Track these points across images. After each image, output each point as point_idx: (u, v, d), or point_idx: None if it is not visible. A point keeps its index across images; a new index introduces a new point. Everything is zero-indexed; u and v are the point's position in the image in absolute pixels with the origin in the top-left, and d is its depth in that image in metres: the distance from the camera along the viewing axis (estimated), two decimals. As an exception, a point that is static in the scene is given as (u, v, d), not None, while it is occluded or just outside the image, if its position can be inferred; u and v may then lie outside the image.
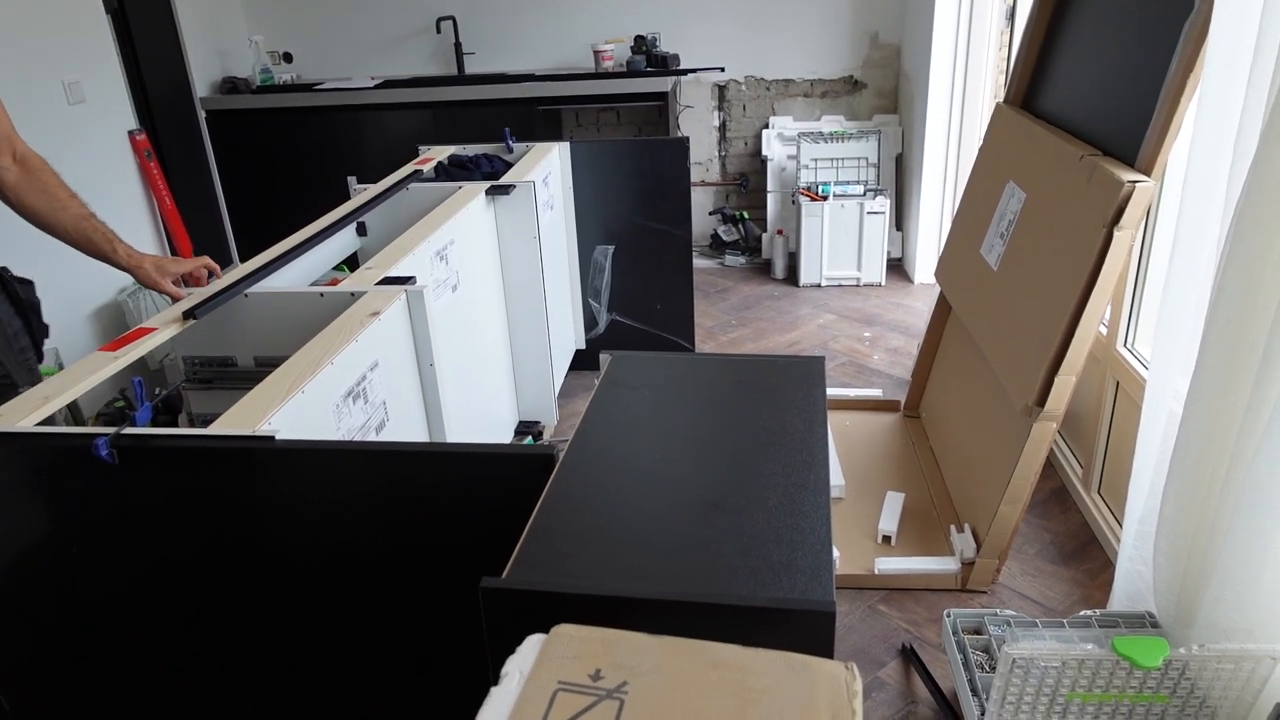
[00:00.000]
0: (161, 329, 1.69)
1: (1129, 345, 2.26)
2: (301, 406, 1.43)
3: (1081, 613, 1.72)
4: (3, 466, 1.33)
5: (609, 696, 0.73)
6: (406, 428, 1.83)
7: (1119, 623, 1.69)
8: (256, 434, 1.30)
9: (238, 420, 1.35)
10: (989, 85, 3.76)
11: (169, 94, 4.06)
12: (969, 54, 3.75)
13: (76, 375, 1.52)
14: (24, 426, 1.37)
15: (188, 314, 1.72)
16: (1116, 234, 1.80)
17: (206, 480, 1.30)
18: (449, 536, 1.31)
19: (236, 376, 1.87)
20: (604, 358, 1.49)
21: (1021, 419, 2.02)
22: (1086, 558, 2.26)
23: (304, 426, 1.43)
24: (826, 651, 0.92)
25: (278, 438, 1.28)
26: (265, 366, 1.79)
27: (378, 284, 1.86)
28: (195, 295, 1.82)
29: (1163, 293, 1.67)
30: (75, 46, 3.39)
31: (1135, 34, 2.00)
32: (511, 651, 0.82)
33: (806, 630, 0.94)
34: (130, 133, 3.69)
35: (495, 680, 0.77)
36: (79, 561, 1.38)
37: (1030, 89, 2.58)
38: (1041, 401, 1.94)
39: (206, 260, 1.89)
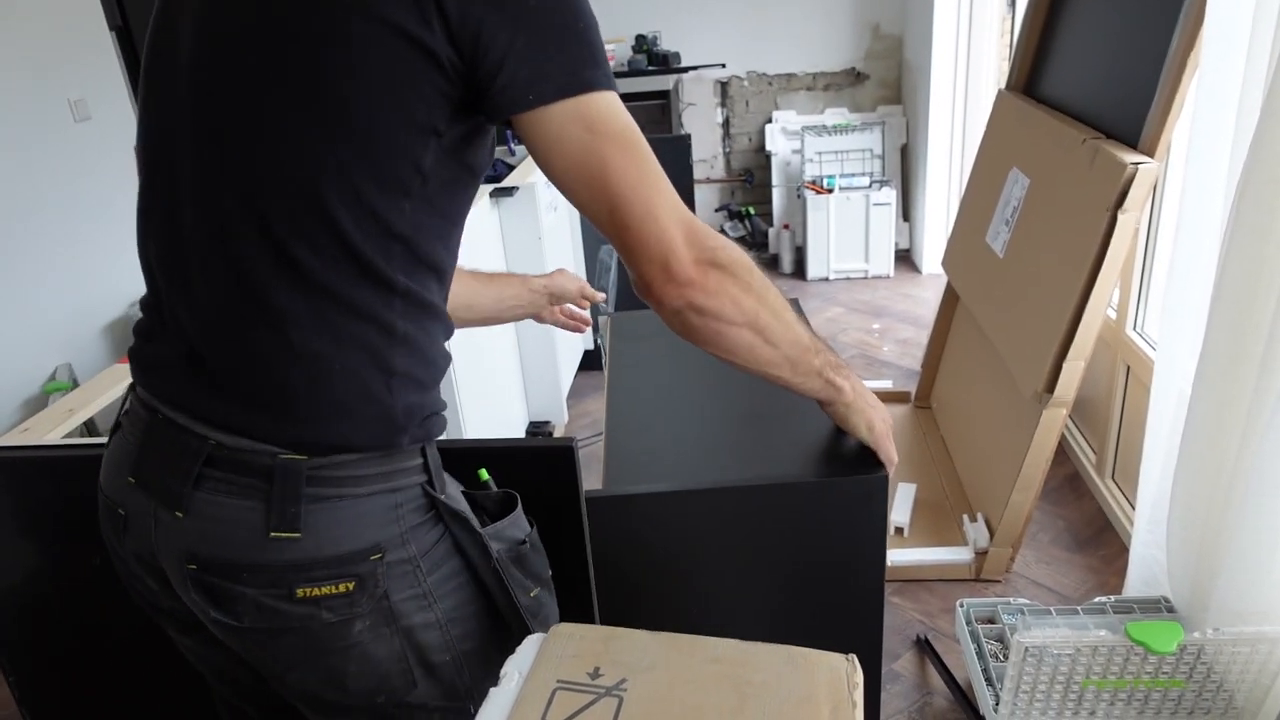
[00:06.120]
0: None
1: (1138, 329, 2.24)
2: None
3: (1096, 599, 1.71)
4: (28, 480, 1.34)
5: (608, 694, 0.73)
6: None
7: (1134, 608, 1.67)
8: None
9: None
10: (992, 73, 3.73)
11: (174, 109, 4.08)
12: (971, 42, 3.73)
13: (98, 388, 1.54)
14: (51, 439, 1.38)
15: None
16: (1121, 216, 1.78)
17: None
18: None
19: None
20: (603, 320, 1.49)
21: (1031, 406, 2.00)
22: (1101, 544, 2.24)
23: None
24: (882, 512, 1.06)
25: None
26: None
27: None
28: None
29: (1169, 274, 1.66)
30: (79, 64, 3.42)
31: (1135, 15, 1.98)
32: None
33: (860, 499, 1.06)
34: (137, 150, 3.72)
35: (495, 680, 0.77)
36: (101, 573, 1.38)
37: (1032, 75, 2.56)
38: (1051, 388, 1.93)
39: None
